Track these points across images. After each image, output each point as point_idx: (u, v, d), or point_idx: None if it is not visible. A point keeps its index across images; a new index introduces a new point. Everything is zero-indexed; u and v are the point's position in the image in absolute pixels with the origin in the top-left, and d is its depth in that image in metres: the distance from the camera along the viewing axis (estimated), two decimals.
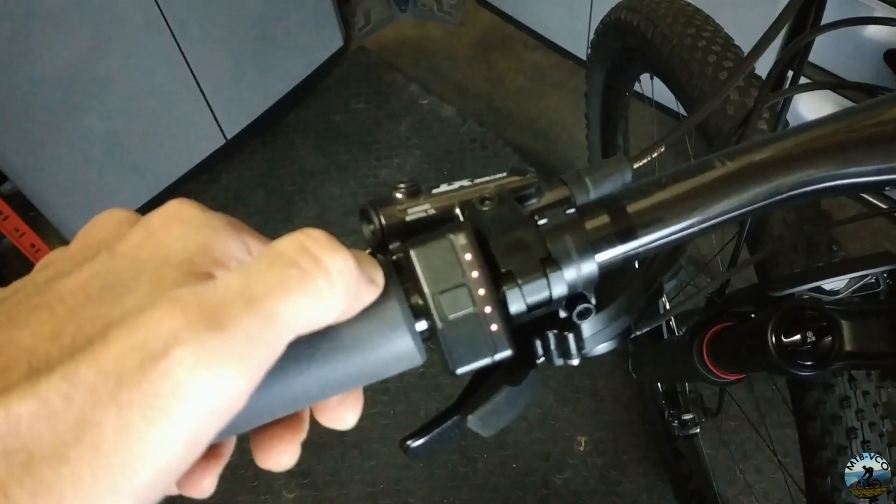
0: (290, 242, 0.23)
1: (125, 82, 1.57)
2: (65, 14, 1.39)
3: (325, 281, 0.23)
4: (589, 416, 1.51)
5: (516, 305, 0.27)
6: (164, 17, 1.54)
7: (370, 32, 2.16)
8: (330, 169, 1.90)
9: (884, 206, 1.44)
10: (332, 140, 1.95)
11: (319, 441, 1.48)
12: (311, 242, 0.23)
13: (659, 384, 1.26)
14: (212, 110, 1.76)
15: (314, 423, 0.29)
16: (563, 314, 0.29)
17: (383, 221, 0.29)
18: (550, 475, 1.45)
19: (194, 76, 1.68)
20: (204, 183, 1.85)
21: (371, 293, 0.25)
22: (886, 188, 0.31)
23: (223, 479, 0.27)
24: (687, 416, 1.10)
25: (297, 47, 1.90)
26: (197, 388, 0.19)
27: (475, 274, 0.26)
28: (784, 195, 0.29)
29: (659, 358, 0.83)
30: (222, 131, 1.82)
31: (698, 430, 1.12)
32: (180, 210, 0.24)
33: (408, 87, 2.03)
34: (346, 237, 1.77)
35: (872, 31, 1.28)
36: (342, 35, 2.00)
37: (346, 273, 0.23)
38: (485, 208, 0.29)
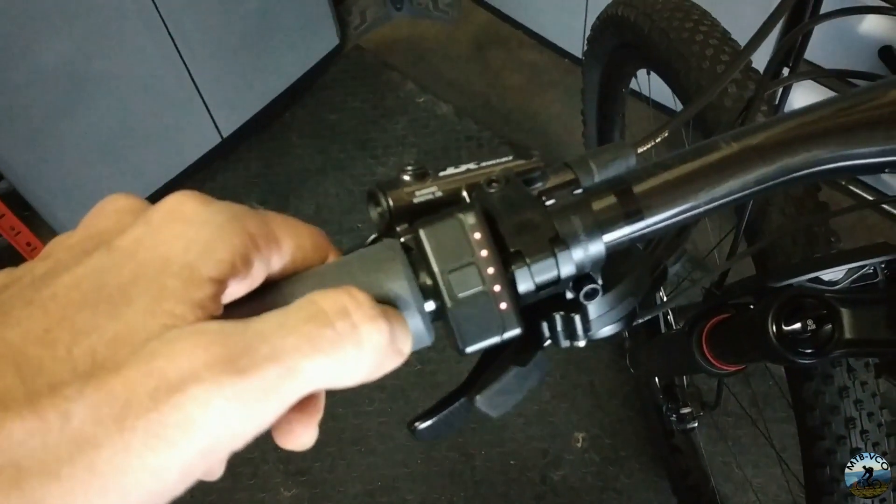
0: (334, 301, 0.23)
1: (121, 80, 1.56)
2: (61, 12, 1.39)
3: (354, 350, 0.22)
4: (586, 413, 1.51)
5: (525, 285, 0.27)
6: (160, 14, 1.54)
7: (366, 31, 2.16)
8: (326, 167, 1.90)
9: (877, 198, 1.44)
10: (329, 138, 1.95)
11: (317, 438, 1.47)
12: (354, 307, 0.23)
13: (656, 379, 1.26)
14: (208, 108, 1.76)
15: None
16: (569, 295, 0.29)
17: (391, 203, 0.29)
18: (548, 471, 1.46)
19: (190, 74, 1.67)
20: (200, 181, 1.85)
21: (395, 362, 0.25)
22: (887, 170, 0.31)
23: (221, 476, 0.27)
24: (685, 410, 1.10)
25: (294, 46, 1.90)
26: (204, 426, 0.19)
27: (484, 253, 0.26)
28: (789, 176, 0.29)
29: (657, 351, 0.83)
30: (218, 130, 1.82)
31: (696, 424, 1.12)
32: (182, 204, 0.23)
33: (404, 85, 2.03)
34: (343, 235, 1.77)
35: (867, 27, 1.29)
36: (338, 34, 2.00)
37: (378, 346, 0.23)
38: (492, 190, 0.29)
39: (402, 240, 0.28)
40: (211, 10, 1.65)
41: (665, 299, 0.98)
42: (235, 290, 0.23)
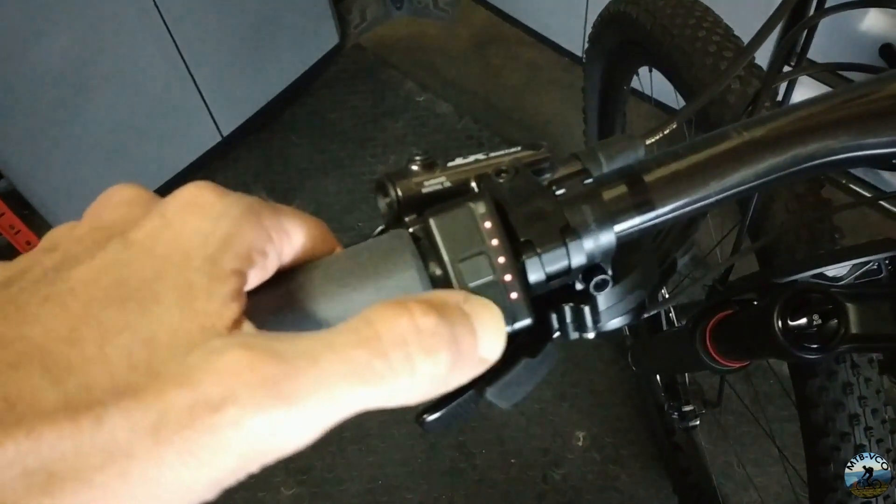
0: (391, 327, 0.21)
1: (121, 79, 1.56)
2: (60, 11, 1.38)
3: (408, 381, 0.21)
4: (587, 412, 1.51)
5: (536, 275, 0.27)
6: (160, 13, 1.54)
7: (366, 30, 2.16)
8: (326, 166, 1.90)
9: (877, 194, 1.44)
10: (329, 137, 1.95)
11: None
12: (413, 335, 0.21)
13: (658, 377, 1.26)
14: (208, 107, 1.76)
15: None
16: (579, 287, 0.29)
17: (400, 193, 0.28)
18: (549, 470, 1.46)
19: (190, 73, 1.67)
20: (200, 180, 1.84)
21: (471, 373, 0.23)
22: (895, 161, 0.31)
23: None
24: (687, 408, 1.10)
25: (293, 45, 1.90)
26: (238, 448, 0.19)
27: (495, 242, 0.26)
28: (800, 166, 0.29)
29: (660, 349, 0.83)
30: (218, 129, 1.82)
31: (698, 422, 1.12)
32: (197, 196, 0.23)
33: (404, 84, 2.03)
34: (343, 233, 1.77)
35: (868, 25, 1.29)
36: (338, 33, 2.00)
37: (434, 380, 0.22)
38: (501, 180, 0.28)
39: (411, 230, 0.27)
40: (211, 9, 1.64)
41: (667, 296, 0.98)
42: (251, 280, 0.23)
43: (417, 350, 0.21)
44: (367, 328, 0.21)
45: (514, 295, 0.26)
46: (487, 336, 0.24)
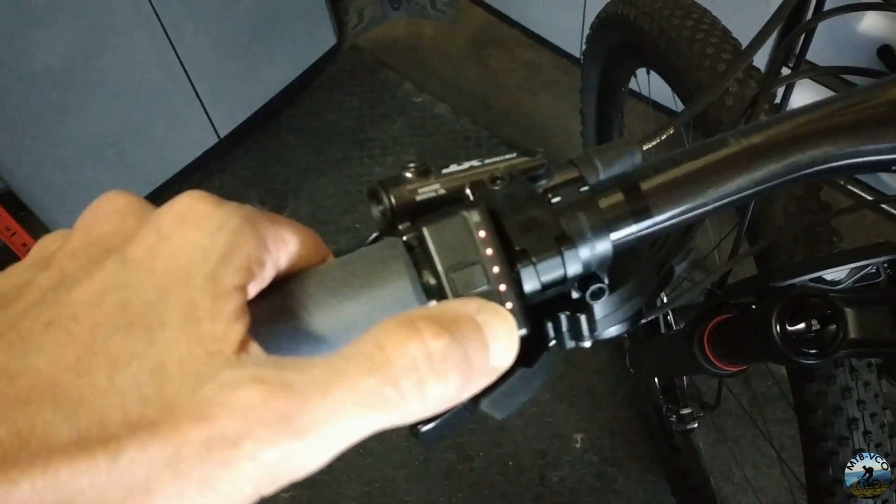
0: (402, 351, 0.21)
1: (118, 80, 1.55)
2: (57, 12, 1.38)
3: (418, 405, 0.21)
4: (585, 414, 1.51)
5: (531, 284, 0.26)
6: (157, 14, 1.53)
7: (363, 31, 2.15)
8: (324, 167, 1.89)
9: (877, 197, 1.44)
10: (326, 138, 1.95)
11: None
12: (423, 359, 0.21)
13: (656, 379, 1.26)
14: (205, 108, 1.75)
15: None
16: (575, 295, 0.29)
17: (393, 201, 0.28)
18: (547, 472, 1.45)
19: (187, 74, 1.67)
20: (197, 182, 1.84)
21: (481, 384, 0.23)
22: (894, 168, 0.31)
23: None
24: (685, 411, 1.10)
25: (291, 45, 1.89)
26: (254, 479, 0.19)
27: (489, 251, 0.26)
28: (799, 173, 0.29)
29: (658, 352, 0.83)
30: (215, 130, 1.81)
31: (696, 425, 1.12)
32: (193, 208, 0.22)
33: (401, 85, 2.03)
34: (340, 235, 1.76)
35: (866, 26, 1.28)
36: (335, 33, 1.99)
37: (444, 399, 0.22)
38: (496, 187, 0.28)
39: (405, 238, 0.27)
40: (208, 10, 1.64)
41: (666, 300, 0.98)
42: (250, 293, 0.23)
43: (428, 375, 0.21)
44: (378, 353, 0.21)
45: (508, 305, 0.26)
46: (500, 346, 0.23)
